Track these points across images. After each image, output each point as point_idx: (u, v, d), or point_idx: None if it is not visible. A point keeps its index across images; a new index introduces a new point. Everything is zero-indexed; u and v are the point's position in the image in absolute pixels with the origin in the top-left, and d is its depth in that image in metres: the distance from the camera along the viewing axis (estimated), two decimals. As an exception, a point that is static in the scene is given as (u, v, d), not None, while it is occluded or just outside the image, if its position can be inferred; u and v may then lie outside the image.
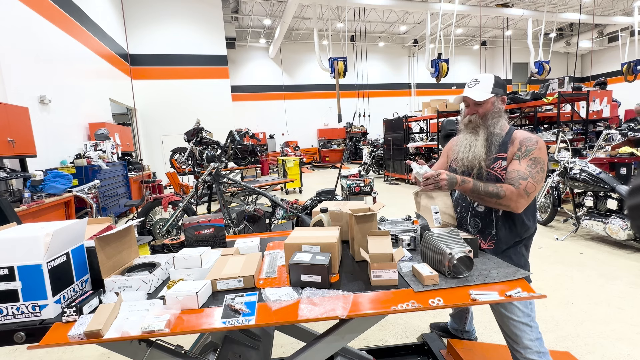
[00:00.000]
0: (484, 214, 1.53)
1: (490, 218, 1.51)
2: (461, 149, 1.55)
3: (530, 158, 1.40)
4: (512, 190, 1.35)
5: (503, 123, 1.51)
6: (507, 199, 1.37)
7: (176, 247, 1.56)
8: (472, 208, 1.58)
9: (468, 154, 1.51)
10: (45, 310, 1.00)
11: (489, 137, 1.48)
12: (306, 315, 0.97)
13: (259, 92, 16.23)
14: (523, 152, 1.42)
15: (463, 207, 1.63)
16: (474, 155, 1.48)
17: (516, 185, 1.36)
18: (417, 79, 18.42)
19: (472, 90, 1.51)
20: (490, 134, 1.48)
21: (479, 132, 1.50)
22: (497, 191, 1.38)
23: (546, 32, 14.98)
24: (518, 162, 1.41)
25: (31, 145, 4.21)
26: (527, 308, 1.42)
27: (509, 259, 1.47)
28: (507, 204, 1.39)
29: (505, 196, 1.36)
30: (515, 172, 1.39)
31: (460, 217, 1.64)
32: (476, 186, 1.42)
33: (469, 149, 1.51)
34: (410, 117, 9.26)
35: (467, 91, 1.51)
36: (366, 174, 10.73)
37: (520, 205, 1.37)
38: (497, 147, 1.47)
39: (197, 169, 4.84)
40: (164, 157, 10.61)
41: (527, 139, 1.44)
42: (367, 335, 2.23)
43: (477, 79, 1.53)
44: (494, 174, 1.46)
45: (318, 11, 12.26)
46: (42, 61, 5.33)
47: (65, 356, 2.26)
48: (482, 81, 1.51)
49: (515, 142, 1.45)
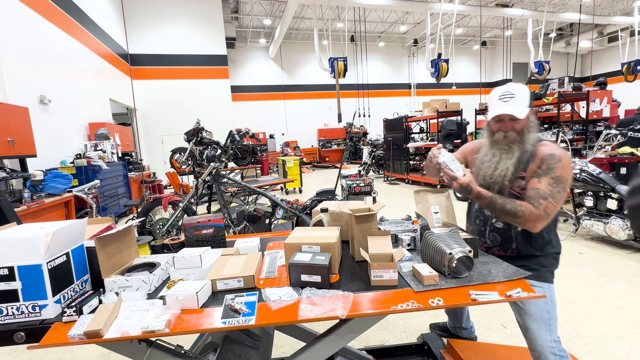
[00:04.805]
0: (502, 230, 1.46)
1: (509, 234, 1.45)
2: (485, 165, 1.45)
3: (552, 176, 1.30)
4: (531, 210, 1.27)
5: (535, 137, 1.40)
6: (525, 220, 1.28)
7: (176, 247, 1.56)
8: (490, 223, 1.50)
9: (494, 172, 1.41)
10: (45, 310, 1.00)
11: (522, 155, 1.37)
12: (306, 315, 0.97)
13: (259, 92, 16.23)
14: (544, 170, 1.32)
15: (481, 221, 1.55)
16: (501, 174, 1.39)
17: (536, 205, 1.27)
18: (417, 79, 18.43)
19: (509, 105, 1.36)
20: (525, 152, 1.37)
21: (513, 150, 1.38)
22: (515, 210, 1.29)
23: (546, 32, 14.98)
24: (538, 180, 1.32)
25: (31, 145, 4.20)
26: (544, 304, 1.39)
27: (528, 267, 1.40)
28: (523, 224, 1.30)
29: (524, 216, 1.27)
30: (535, 190, 1.30)
31: (478, 230, 1.57)
32: (493, 202, 1.33)
33: (496, 167, 1.41)
34: (410, 117, 9.26)
35: (504, 106, 1.37)
36: (366, 174, 10.73)
37: (537, 226, 1.29)
38: (522, 165, 1.37)
39: (197, 169, 4.84)
40: (164, 157, 10.61)
41: (549, 156, 1.33)
42: (367, 335, 2.23)
43: (511, 92, 1.37)
44: (514, 192, 1.38)
45: (318, 11, 12.26)
46: (42, 61, 5.33)
47: (65, 356, 2.26)
48: (518, 94, 1.36)
49: (537, 158, 1.36)
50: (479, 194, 1.34)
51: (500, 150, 1.42)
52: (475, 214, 1.60)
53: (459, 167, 1.36)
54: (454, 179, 1.34)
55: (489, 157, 1.45)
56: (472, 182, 1.34)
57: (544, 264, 1.44)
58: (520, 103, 1.35)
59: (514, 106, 1.35)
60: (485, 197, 1.34)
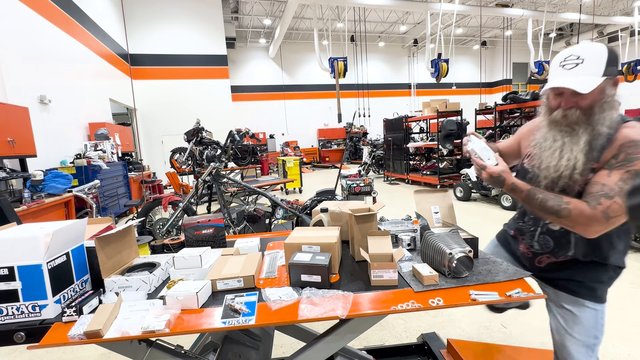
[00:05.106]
0: (558, 233, 1.16)
1: (567, 239, 1.15)
2: (546, 153, 1.13)
3: (629, 170, 0.98)
4: (581, 210, 0.99)
5: (613, 116, 1.04)
6: (572, 221, 1.01)
7: (176, 247, 1.56)
8: (542, 223, 1.21)
9: (559, 162, 1.08)
10: (45, 310, 1.00)
11: (593, 140, 1.03)
12: (306, 315, 0.97)
13: (259, 92, 16.24)
14: (620, 161, 1.00)
15: (531, 219, 1.26)
16: (569, 164, 1.06)
17: (592, 205, 0.98)
18: (417, 79, 18.44)
19: (571, 75, 1.02)
20: (596, 135, 1.03)
21: (577, 132, 1.05)
22: (558, 208, 1.02)
23: (546, 32, 14.98)
24: (608, 173, 1.01)
25: (31, 145, 4.21)
26: (594, 328, 1.17)
27: (580, 283, 1.18)
28: (572, 227, 1.04)
29: (569, 217, 1.01)
30: (600, 185, 1.00)
31: (525, 228, 1.29)
32: (531, 196, 1.08)
33: (560, 156, 1.08)
34: (410, 117, 9.26)
35: (564, 77, 1.03)
36: (366, 174, 10.73)
37: (591, 231, 1.00)
38: (595, 152, 1.04)
39: (197, 169, 4.84)
40: (164, 157, 10.61)
41: (632, 143, 0.99)
42: (367, 335, 2.23)
43: (579, 55, 1.02)
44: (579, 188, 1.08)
45: (318, 11, 12.26)
46: (42, 61, 5.33)
47: (65, 356, 2.26)
48: (589, 59, 1.00)
49: (614, 145, 1.02)
50: (514, 185, 1.11)
51: (561, 132, 1.09)
52: (522, 209, 1.33)
53: (490, 155, 1.18)
54: (483, 168, 1.14)
55: (549, 141, 1.13)
56: (505, 172, 1.12)
57: (601, 279, 1.16)
58: (589, 71, 1.00)
59: (579, 75, 1.01)
60: (521, 190, 1.10)
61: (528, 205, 1.12)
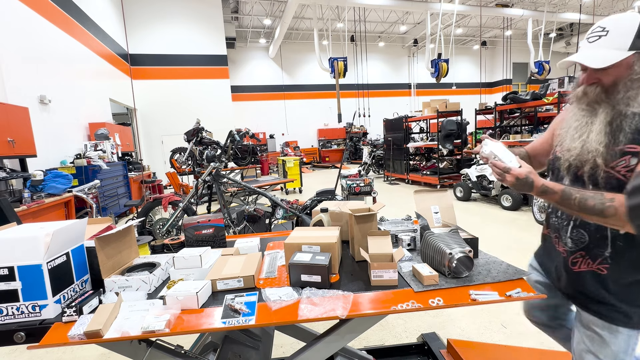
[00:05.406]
0: (594, 227, 1.01)
1: (604, 234, 1.00)
2: (569, 134, 1.05)
3: None
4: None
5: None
6: (618, 219, 0.88)
7: (176, 247, 1.56)
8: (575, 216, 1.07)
9: (577, 143, 1.00)
10: (45, 310, 1.00)
11: (615, 120, 0.93)
12: (306, 315, 0.97)
13: (259, 92, 16.24)
14: None
15: (565, 213, 1.12)
16: (586, 147, 0.97)
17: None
18: (417, 79, 18.44)
19: (590, 48, 0.95)
20: (619, 115, 0.93)
21: (597, 112, 0.97)
22: (601, 207, 0.89)
23: (546, 32, 14.98)
24: None
25: (31, 145, 4.21)
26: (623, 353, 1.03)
27: (615, 308, 1.01)
28: (621, 226, 0.89)
29: (616, 215, 0.87)
30: None
31: (557, 223, 1.14)
32: (567, 197, 0.95)
33: (580, 136, 1.00)
34: (410, 117, 9.26)
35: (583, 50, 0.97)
36: (366, 174, 10.73)
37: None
38: (629, 134, 0.91)
39: (197, 169, 4.84)
40: (164, 157, 10.61)
41: None
42: (367, 335, 2.23)
43: (605, 27, 0.93)
44: (615, 175, 0.93)
45: (318, 11, 12.26)
46: (42, 61, 5.33)
47: (65, 356, 2.26)
48: (615, 30, 0.92)
49: None
50: (544, 187, 0.98)
51: (582, 112, 1.01)
52: None
53: (512, 157, 1.04)
54: (506, 171, 1.00)
55: (571, 119, 1.05)
56: (532, 173, 0.99)
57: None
58: (611, 44, 0.91)
59: (598, 48, 0.93)
60: (555, 192, 0.97)
61: (565, 208, 0.99)
